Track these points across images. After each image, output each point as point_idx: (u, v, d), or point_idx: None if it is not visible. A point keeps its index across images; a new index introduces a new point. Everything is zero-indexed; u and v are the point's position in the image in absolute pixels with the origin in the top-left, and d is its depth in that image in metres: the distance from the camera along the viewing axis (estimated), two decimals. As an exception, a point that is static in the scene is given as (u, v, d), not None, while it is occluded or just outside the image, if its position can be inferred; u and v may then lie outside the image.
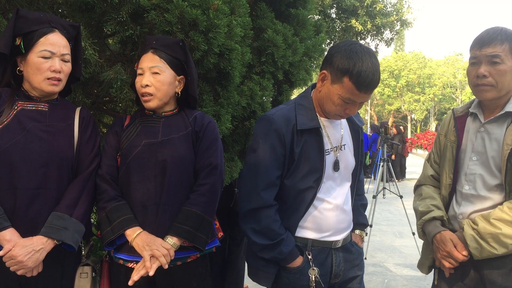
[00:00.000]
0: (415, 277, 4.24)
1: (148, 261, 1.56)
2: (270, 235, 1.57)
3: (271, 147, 1.57)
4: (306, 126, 1.58)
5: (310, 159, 1.59)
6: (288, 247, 1.58)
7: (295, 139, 1.57)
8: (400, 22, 12.83)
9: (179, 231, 1.62)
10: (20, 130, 1.57)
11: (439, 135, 1.90)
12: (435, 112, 39.00)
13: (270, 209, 1.58)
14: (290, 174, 1.60)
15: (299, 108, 1.62)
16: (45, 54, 1.59)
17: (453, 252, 1.64)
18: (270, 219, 1.58)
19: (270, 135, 1.57)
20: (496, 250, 1.56)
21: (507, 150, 1.59)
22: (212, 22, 1.90)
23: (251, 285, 3.98)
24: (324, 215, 1.64)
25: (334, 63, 1.51)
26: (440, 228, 1.73)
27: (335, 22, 11.81)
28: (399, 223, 6.68)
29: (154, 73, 1.70)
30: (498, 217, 1.57)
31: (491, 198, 1.64)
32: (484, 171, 1.65)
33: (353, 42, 1.56)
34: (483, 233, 1.58)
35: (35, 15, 1.63)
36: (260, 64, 2.45)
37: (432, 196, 1.83)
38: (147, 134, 1.72)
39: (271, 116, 1.60)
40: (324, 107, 1.61)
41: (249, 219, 1.61)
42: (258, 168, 1.58)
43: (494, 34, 1.62)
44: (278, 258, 1.59)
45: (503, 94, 1.64)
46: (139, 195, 1.67)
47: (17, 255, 1.47)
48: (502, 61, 1.60)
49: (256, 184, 1.58)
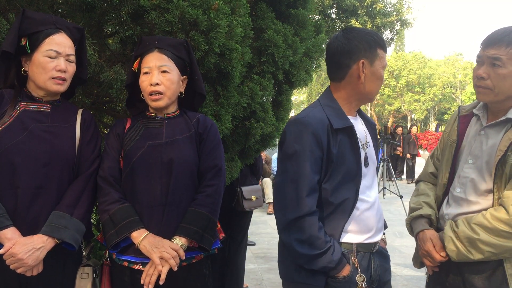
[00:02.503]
0: (415, 277, 4.24)
1: (160, 265, 1.56)
2: (317, 244, 1.46)
3: (310, 151, 1.49)
4: (340, 125, 1.53)
5: (346, 159, 1.54)
6: (338, 254, 1.49)
7: (331, 140, 1.52)
8: (400, 22, 12.84)
9: (188, 232, 1.63)
10: (22, 130, 1.59)
11: (444, 133, 1.87)
12: (435, 112, 39.01)
13: (314, 216, 1.48)
14: (329, 177, 1.52)
15: (328, 109, 1.57)
16: (51, 53, 1.61)
17: (431, 252, 1.64)
18: (316, 227, 1.47)
19: (307, 138, 1.49)
20: (472, 255, 1.53)
21: (498, 156, 1.54)
22: (212, 22, 1.90)
23: (251, 285, 3.99)
24: (364, 215, 1.58)
25: (362, 48, 1.55)
26: (424, 226, 1.71)
27: (335, 22, 11.81)
28: (399, 223, 6.68)
29: (163, 72, 1.70)
30: (478, 222, 1.53)
31: (479, 203, 1.61)
32: (477, 176, 1.62)
33: (349, 29, 1.61)
34: (462, 237, 1.55)
35: (41, 16, 1.65)
36: (261, 64, 2.45)
37: (427, 193, 1.81)
38: (151, 135, 1.72)
39: (305, 119, 1.53)
40: (372, 90, 1.60)
41: (292, 230, 1.48)
42: (299, 174, 1.48)
43: (502, 35, 1.54)
44: (328, 268, 1.48)
45: (502, 99, 1.59)
46: (145, 197, 1.67)
47: (17, 253, 1.47)
48: (503, 65, 1.53)
49: (299, 191, 1.47)
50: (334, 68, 1.60)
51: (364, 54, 1.56)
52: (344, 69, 1.57)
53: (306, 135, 1.50)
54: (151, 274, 1.58)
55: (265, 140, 2.58)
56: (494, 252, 1.50)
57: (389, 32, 12.90)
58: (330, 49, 1.60)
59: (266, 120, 2.44)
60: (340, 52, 1.56)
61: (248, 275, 4.07)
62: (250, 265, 4.53)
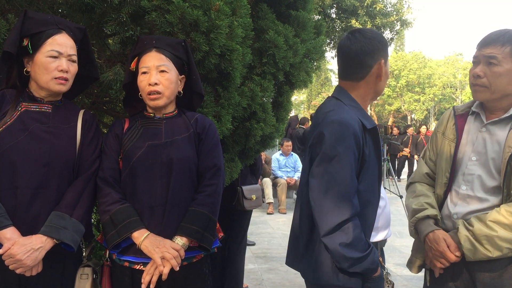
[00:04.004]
0: (415, 277, 4.24)
1: (161, 265, 1.56)
2: (361, 246, 1.45)
3: (352, 152, 1.47)
4: (370, 125, 1.55)
5: (372, 158, 1.55)
6: (377, 255, 1.49)
7: (364, 141, 1.52)
8: (400, 22, 12.85)
9: (189, 232, 1.63)
10: (23, 131, 1.59)
11: (436, 133, 1.87)
12: (435, 112, 38.99)
13: (356, 218, 1.46)
14: (362, 177, 1.52)
15: (354, 110, 1.57)
16: (53, 54, 1.62)
17: (446, 252, 1.62)
18: (359, 229, 1.45)
19: (349, 139, 1.47)
20: (491, 252, 1.54)
21: (508, 153, 1.57)
22: (213, 23, 1.90)
23: (251, 285, 3.99)
24: (385, 211, 1.62)
25: (381, 48, 1.59)
26: (433, 227, 1.70)
27: (335, 22, 11.82)
28: (399, 223, 6.67)
29: (162, 72, 1.70)
30: (495, 219, 1.54)
31: (488, 200, 1.62)
32: (483, 172, 1.63)
33: (361, 30, 1.63)
34: (478, 235, 1.55)
35: (43, 17, 1.66)
36: (261, 65, 2.44)
37: (426, 194, 1.80)
38: (150, 135, 1.72)
39: (345, 120, 1.50)
40: (383, 88, 1.65)
41: (338, 234, 1.44)
42: (344, 176, 1.45)
43: (497, 36, 1.60)
44: (370, 269, 1.47)
45: (498, 97, 1.62)
46: (145, 197, 1.67)
47: (16, 254, 1.48)
48: (498, 63, 1.58)
49: (344, 194, 1.45)
50: (356, 68, 1.59)
51: (382, 54, 1.59)
52: (367, 69, 1.58)
53: (348, 136, 1.47)
54: (152, 273, 1.59)
55: (265, 140, 2.58)
56: None
57: (389, 32, 12.91)
58: (351, 50, 1.58)
59: (267, 120, 2.44)
60: (365, 52, 1.56)
61: (248, 275, 4.07)
62: (250, 265, 4.53)
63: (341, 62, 1.64)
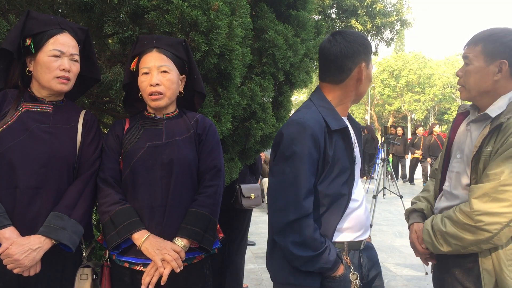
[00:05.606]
0: (415, 277, 4.24)
1: (162, 267, 1.56)
2: (313, 246, 1.47)
3: (308, 153, 1.48)
4: (337, 126, 1.54)
5: (341, 160, 1.55)
6: (333, 255, 1.50)
7: (327, 142, 1.52)
8: (400, 22, 12.86)
9: (190, 233, 1.63)
10: (23, 131, 1.59)
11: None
12: (435, 112, 38.99)
13: (309, 218, 1.48)
14: (324, 178, 1.53)
15: (323, 110, 1.58)
16: (55, 53, 1.62)
17: (415, 244, 1.75)
18: (311, 228, 1.48)
19: (306, 140, 1.49)
20: (443, 247, 1.60)
21: (473, 152, 1.60)
22: (212, 23, 1.90)
23: (251, 285, 3.98)
24: (355, 213, 1.60)
25: (362, 51, 1.59)
26: (415, 219, 1.81)
27: (335, 22, 11.83)
28: (399, 223, 6.68)
29: (163, 72, 1.70)
30: (448, 215, 1.60)
31: (459, 197, 1.65)
32: (461, 170, 1.67)
33: (342, 32, 1.62)
34: (436, 230, 1.62)
35: (45, 17, 1.67)
36: (261, 65, 2.44)
37: (428, 189, 1.91)
38: (150, 136, 1.72)
39: (303, 120, 1.52)
40: (364, 91, 1.66)
41: (288, 232, 1.48)
42: (297, 176, 1.48)
43: (475, 36, 1.65)
44: (324, 269, 1.50)
45: (474, 95, 1.65)
46: (146, 197, 1.66)
47: (14, 254, 1.47)
48: (470, 62, 1.63)
49: (297, 194, 1.47)
50: (335, 71, 1.59)
51: (363, 57, 1.59)
52: (347, 72, 1.58)
53: (304, 137, 1.49)
54: (152, 274, 1.58)
55: (265, 140, 2.58)
56: (460, 245, 1.55)
57: (389, 32, 12.92)
58: (331, 53, 1.58)
59: (266, 120, 2.44)
60: (345, 55, 1.56)
61: (248, 275, 4.07)
62: (250, 265, 4.53)
63: (320, 64, 1.64)
